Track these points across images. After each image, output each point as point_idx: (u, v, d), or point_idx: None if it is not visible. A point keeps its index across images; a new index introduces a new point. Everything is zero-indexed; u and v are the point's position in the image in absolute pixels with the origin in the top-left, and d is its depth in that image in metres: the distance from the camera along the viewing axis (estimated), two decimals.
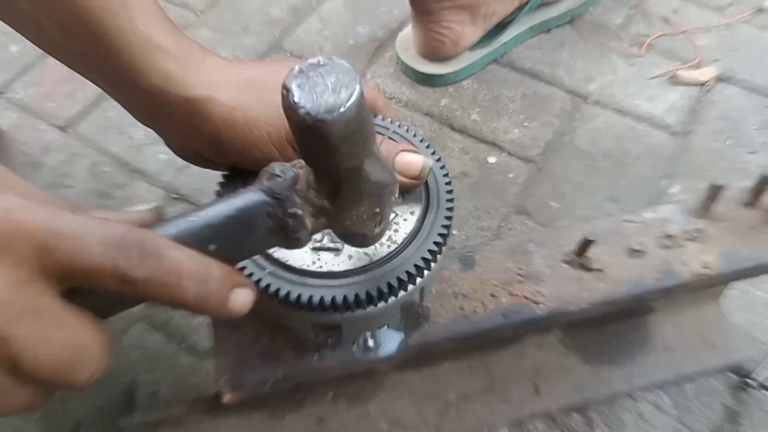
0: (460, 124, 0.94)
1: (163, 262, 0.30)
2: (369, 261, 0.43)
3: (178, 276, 0.31)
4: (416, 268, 0.43)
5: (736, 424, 0.66)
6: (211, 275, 0.32)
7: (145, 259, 0.30)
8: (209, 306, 0.32)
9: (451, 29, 0.94)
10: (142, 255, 0.30)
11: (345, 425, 0.61)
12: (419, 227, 0.45)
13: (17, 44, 1.06)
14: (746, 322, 0.72)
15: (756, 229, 0.57)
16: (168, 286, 0.31)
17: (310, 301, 0.42)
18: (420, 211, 0.46)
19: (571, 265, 0.55)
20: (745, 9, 1.09)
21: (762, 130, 0.92)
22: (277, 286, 0.42)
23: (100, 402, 0.68)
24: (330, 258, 0.43)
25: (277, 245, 0.36)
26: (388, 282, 0.42)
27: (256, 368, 0.50)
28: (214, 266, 0.32)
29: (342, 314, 0.43)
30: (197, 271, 0.32)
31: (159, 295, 0.31)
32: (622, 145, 0.91)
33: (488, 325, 0.52)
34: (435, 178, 0.47)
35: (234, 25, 1.10)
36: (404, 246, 0.44)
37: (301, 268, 0.43)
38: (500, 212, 0.84)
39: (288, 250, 0.43)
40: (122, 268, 0.29)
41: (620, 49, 1.04)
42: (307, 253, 0.44)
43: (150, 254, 0.30)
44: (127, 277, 0.29)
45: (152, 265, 0.30)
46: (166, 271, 0.30)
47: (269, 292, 0.42)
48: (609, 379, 0.66)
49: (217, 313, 0.33)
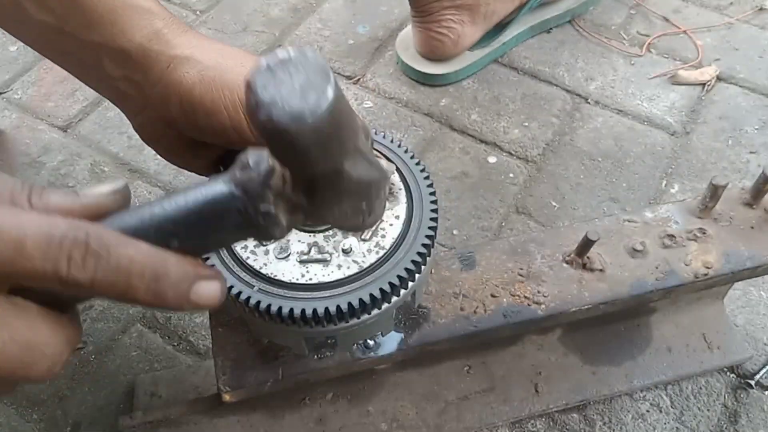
0: (460, 124, 0.94)
1: (110, 261, 0.29)
2: (359, 269, 0.42)
3: (127, 275, 0.29)
4: (407, 272, 0.42)
5: (736, 424, 0.66)
6: (167, 271, 0.30)
7: (89, 259, 0.28)
8: (168, 302, 0.31)
9: (450, 29, 0.94)
10: (86, 255, 0.28)
11: (345, 425, 0.61)
12: (406, 230, 0.44)
13: (17, 44, 1.06)
14: (747, 323, 0.73)
15: (756, 229, 0.57)
16: (116, 285, 0.29)
17: (304, 315, 0.41)
18: (405, 214, 0.45)
19: (571, 265, 0.55)
20: (746, 8, 1.09)
21: (762, 130, 0.92)
22: (267, 302, 0.41)
23: (100, 402, 0.68)
24: (319, 269, 0.43)
25: (247, 239, 0.33)
26: (380, 288, 0.42)
27: (256, 368, 0.50)
28: (171, 261, 0.31)
29: (336, 325, 0.43)
30: (150, 268, 0.30)
31: (108, 294, 0.30)
32: (622, 145, 0.91)
33: (488, 325, 0.52)
34: (417, 181, 0.47)
35: (234, 25, 1.10)
36: (393, 251, 0.43)
37: (291, 282, 0.42)
38: (500, 212, 0.84)
39: (275, 266, 0.42)
40: (63, 270, 0.28)
41: (620, 49, 1.04)
42: (295, 267, 0.43)
43: (95, 253, 0.28)
44: (69, 279, 0.28)
45: (97, 265, 0.28)
46: (113, 271, 0.29)
47: (260, 310, 0.41)
48: (609, 379, 0.66)
49: (180, 308, 0.31)
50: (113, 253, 0.29)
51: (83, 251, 0.28)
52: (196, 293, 0.31)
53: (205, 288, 0.32)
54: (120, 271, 0.29)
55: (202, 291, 0.32)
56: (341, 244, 0.43)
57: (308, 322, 0.41)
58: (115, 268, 0.29)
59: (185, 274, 0.31)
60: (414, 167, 0.47)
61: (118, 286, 0.29)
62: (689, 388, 0.68)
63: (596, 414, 0.66)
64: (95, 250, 0.28)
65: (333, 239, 0.44)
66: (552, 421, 0.66)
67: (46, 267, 0.28)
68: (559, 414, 0.66)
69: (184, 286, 0.31)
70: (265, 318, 0.42)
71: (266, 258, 0.43)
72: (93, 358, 0.71)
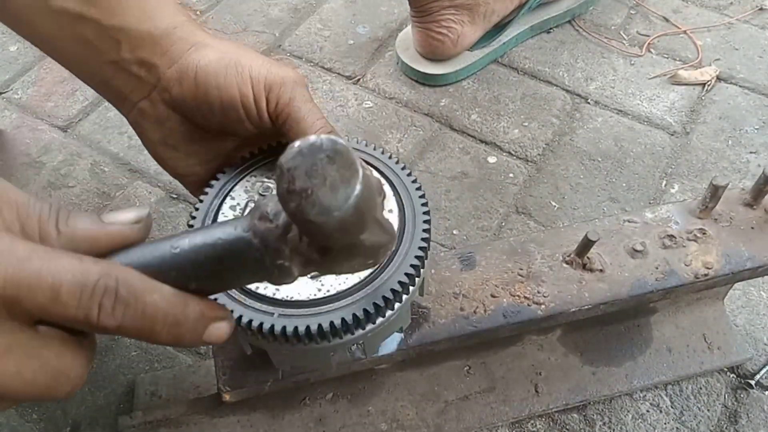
0: (460, 124, 0.94)
1: (137, 309, 0.30)
2: (372, 269, 0.42)
3: (152, 322, 0.31)
4: (418, 259, 0.43)
5: (736, 424, 0.66)
6: (186, 317, 0.32)
7: (119, 308, 0.30)
8: (184, 343, 0.33)
9: (450, 29, 0.94)
10: (117, 303, 0.30)
11: (345, 425, 0.61)
12: (403, 220, 0.45)
13: (17, 44, 1.06)
14: (747, 323, 0.73)
15: (757, 230, 0.57)
16: (141, 331, 0.31)
17: (333, 327, 0.40)
18: (396, 206, 0.46)
19: (571, 265, 0.55)
20: (746, 8, 1.09)
21: (762, 130, 0.92)
22: (294, 325, 0.40)
23: (100, 402, 0.68)
24: (333, 279, 0.42)
25: (259, 282, 0.35)
26: (399, 281, 0.42)
27: (256, 368, 0.50)
28: (191, 306, 0.32)
29: (364, 329, 0.42)
30: (172, 315, 0.31)
31: (131, 336, 0.31)
32: (622, 145, 0.91)
33: (488, 325, 0.52)
34: (410, 194, 0.47)
35: (234, 25, 1.10)
36: (398, 242, 0.44)
37: (311, 299, 0.42)
38: (500, 212, 0.84)
39: (288, 289, 0.42)
40: (93, 318, 0.29)
41: (620, 49, 1.04)
42: (307, 284, 0.42)
43: (125, 301, 0.30)
44: (99, 325, 0.29)
45: (126, 313, 0.30)
46: (139, 318, 0.30)
47: (287, 335, 0.40)
48: (609, 379, 0.66)
49: (191, 346, 0.34)
50: (140, 300, 0.30)
51: (113, 300, 0.29)
52: (208, 334, 0.33)
53: (216, 329, 0.34)
54: (146, 318, 0.30)
55: (214, 331, 0.34)
56: None
57: (339, 333, 0.41)
58: (141, 315, 0.30)
59: (202, 318, 0.33)
60: (394, 166, 0.48)
61: (142, 332, 0.31)
62: (689, 388, 0.68)
63: (596, 414, 0.66)
64: (124, 297, 0.30)
65: None
66: (552, 422, 0.66)
67: (78, 314, 0.29)
68: (559, 414, 0.66)
69: (200, 330, 0.33)
70: (294, 342, 0.41)
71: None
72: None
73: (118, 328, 0.30)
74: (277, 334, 0.40)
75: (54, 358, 0.31)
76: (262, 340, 0.42)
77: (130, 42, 0.49)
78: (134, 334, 0.31)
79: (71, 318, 0.29)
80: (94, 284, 0.29)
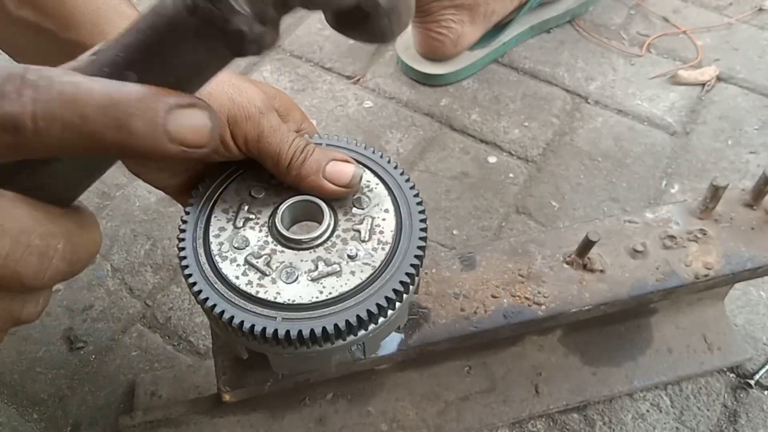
0: (460, 124, 0.94)
1: (52, 89, 0.24)
2: (373, 269, 0.42)
3: (74, 102, 0.24)
4: (417, 258, 0.43)
5: (736, 423, 0.66)
6: (127, 94, 0.25)
7: (26, 91, 0.24)
8: (140, 137, 0.25)
9: (450, 29, 0.94)
10: (22, 86, 0.24)
11: (345, 425, 0.61)
12: (399, 220, 0.45)
13: None
14: (746, 323, 0.73)
15: (757, 230, 0.57)
16: (67, 120, 0.24)
17: (337, 328, 0.40)
18: (392, 206, 0.45)
19: (572, 265, 0.55)
20: (746, 8, 1.09)
21: (762, 130, 0.92)
22: (297, 329, 0.39)
23: (100, 402, 0.68)
24: (334, 281, 0.42)
25: (217, 56, 0.27)
26: (400, 281, 0.42)
27: (256, 368, 0.50)
28: (129, 85, 0.25)
29: (367, 330, 0.42)
30: (105, 92, 0.25)
31: (63, 137, 0.25)
32: (622, 145, 0.91)
33: (489, 325, 0.52)
34: (404, 193, 0.47)
35: None
36: (396, 243, 0.44)
37: (313, 302, 0.41)
38: (500, 212, 0.84)
39: (289, 292, 0.41)
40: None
41: (620, 49, 1.04)
42: (309, 286, 0.42)
43: (32, 84, 0.24)
44: (5, 118, 0.24)
45: (36, 95, 0.24)
46: (57, 100, 0.24)
47: (291, 338, 0.40)
48: (609, 379, 0.66)
49: (161, 149, 0.26)
50: (55, 81, 0.24)
51: (18, 83, 0.24)
52: (176, 123, 0.26)
53: (187, 117, 0.26)
54: (65, 98, 0.24)
55: (184, 121, 0.26)
56: (345, 251, 0.43)
57: (342, 335, 0.41)
58: (59, 95, 0.24)
59: (153, 97, 0.26)
60: (388, 167, 0.48)
61: (70, 122, 0.24)
62: (689, 388, 0.68)
63: (596, 414, 0.66)
64: (32, 81, 0.24)
65: (335, 249, 0.43)
66: (552, 422, 0.66)
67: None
68: (560, 414, 0.66)
69: (157, 114, 0.25)
70: (297, 345, 0.41)
71: (276, 287, 0.41)
72: (93, 358, 0.71)
73: (33, 118, 0.24)
74: (281, 339, 0.40)
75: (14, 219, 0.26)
76: (264, 344, 0.41)
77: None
78: (64, 132, 0.25)
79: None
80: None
